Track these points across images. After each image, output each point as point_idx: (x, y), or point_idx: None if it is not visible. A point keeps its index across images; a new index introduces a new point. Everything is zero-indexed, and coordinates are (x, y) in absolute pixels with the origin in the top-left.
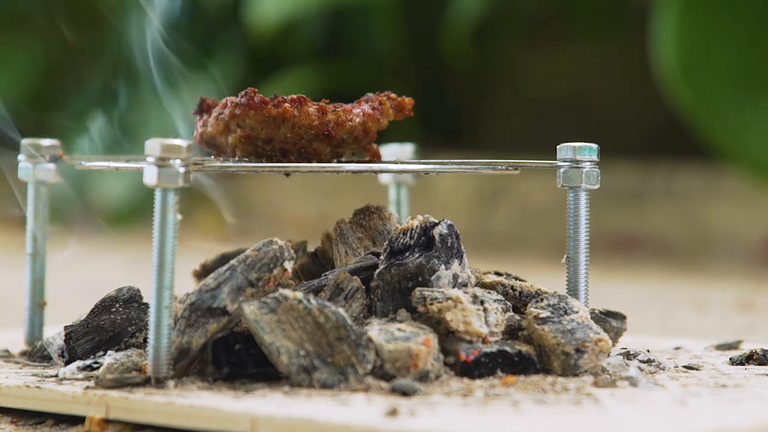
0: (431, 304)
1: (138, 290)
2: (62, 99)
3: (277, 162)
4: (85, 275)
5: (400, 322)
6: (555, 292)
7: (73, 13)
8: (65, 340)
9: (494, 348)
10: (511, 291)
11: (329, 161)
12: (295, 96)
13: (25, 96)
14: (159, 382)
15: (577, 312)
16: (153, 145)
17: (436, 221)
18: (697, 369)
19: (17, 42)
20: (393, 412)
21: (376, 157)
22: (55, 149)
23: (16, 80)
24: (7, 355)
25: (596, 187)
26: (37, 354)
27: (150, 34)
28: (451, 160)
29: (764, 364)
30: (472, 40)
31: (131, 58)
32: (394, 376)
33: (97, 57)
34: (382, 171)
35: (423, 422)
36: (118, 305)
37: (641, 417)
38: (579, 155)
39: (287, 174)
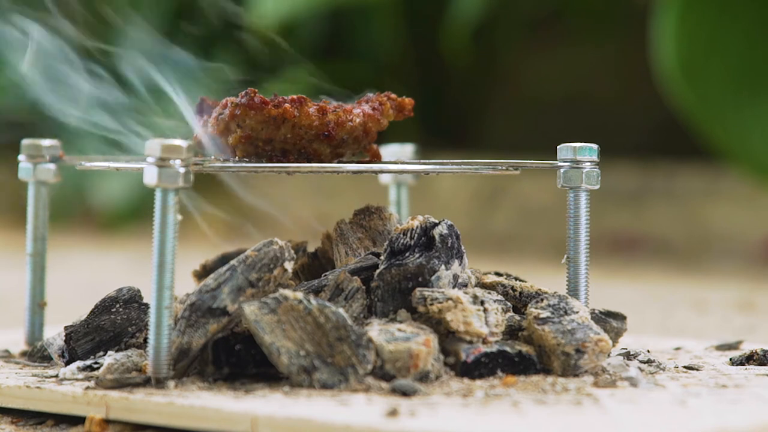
0: (431, 304)
1: (138, 290)
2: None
3: (278, 162)
4: (85, 275)
5: (401, 322)
6: (555, 293)
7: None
8: (65, 341)
9: (494, 348)
10: (511, 291)
11: (329, 161)
12: (295, 96)
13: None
14: (159, 383)
15: (577, 312)
16: (153, 145)
17: (437, 221)
18: (697, 369)
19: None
20: (393, 413)
21: (376, 158)
22: (55, 149)
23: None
24: (7, 356)
25: (596, 187)
26: (37, 354)
27: (150, 34)
28: (451, 161)
29: (764, 365)
30: (473, 40)
31: (132, 58)
32: (394, 376)
33: (97, 57)
34: (382, 171)
35: (423, 422)
36: (118, 305)
37: (641, 417)
38: (579, 155)
39: (289, 173)
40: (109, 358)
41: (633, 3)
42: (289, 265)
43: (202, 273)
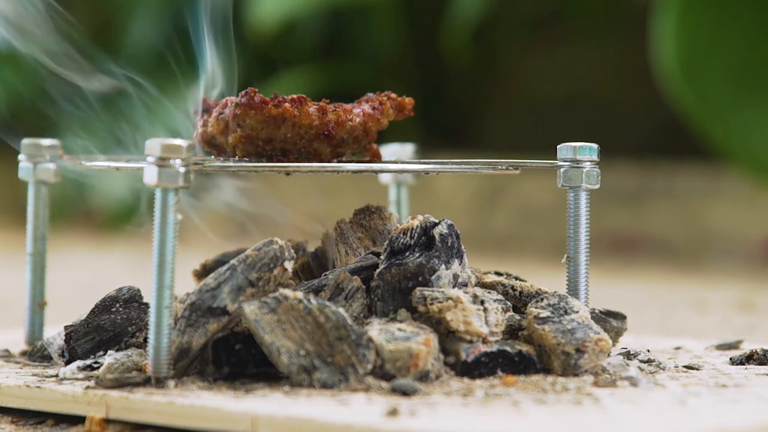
0: (431, 303)
1: (138, 290)
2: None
3: (278, 162)
4: (85, 275)
5: (401, 321)
6: (555, 292)
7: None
8: (65, 340)
9: (494, 348)
10: (511, 291)
11: (329, 161)
12: (295, 96)
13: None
14: (159, 382)
15: (577, 312)
16: (153, 145)
17: (437, 221)
18: (697, 369)
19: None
20: (393, 412)
21: (376, 157)
22: (55, 149)
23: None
24: (7, 355)
25: (596, 187)
26: (37, 354)
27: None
28: (451, 160)
29: (764, 364)
30: (473, 40)
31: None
32: (394, 375)
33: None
34: (382, 171)
35: (423, 422)
36: (118, 305)
37: (641, 417)
38: (579, 155)
39: (288, 173)
40: (109, 358)
41: (633, 3)
42: (289, 265)
43: (202, 272)
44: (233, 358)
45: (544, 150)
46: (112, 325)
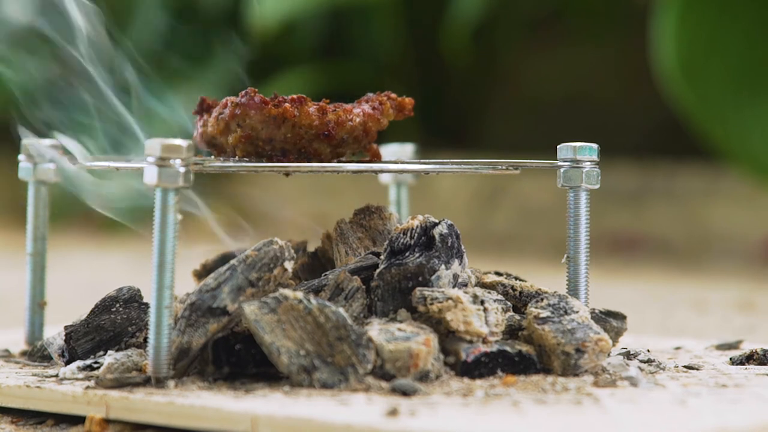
0: (431, 303)
1: (138, 290)
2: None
3: (277, 162)
4: (85, 275)
5: (401, 321)
6: (555, 292)
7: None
8: (65, 340)
9: (494, 348)
10: (511, 291)
11: (329, 161)
12: (295, 96)
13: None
14: (159, 382)
15: (577, 312)
16: (153, 145)
17: (437, 221)
18: (697, 369)
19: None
20: (393, 412)
21: (376, 157)
22: (55, 149)
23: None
24: (7, 355)
25: (596, 187)
26: (37, 354)
27: (151, 34)
28: (451, 160)
29: (764, 364)
30: (473, 40)
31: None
32: (394, 375)
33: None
34: (382, 171)
35: (423, 422)
36: (118, 305)
37: (641, 417)
38: (579, 155)
39: (287, 174)
40: (109, 358)
41: (633, 3)
42: (289, 265)
43: (202, 272)
44: (233, 358)
45: (544, 150)
46: (112, 325)
